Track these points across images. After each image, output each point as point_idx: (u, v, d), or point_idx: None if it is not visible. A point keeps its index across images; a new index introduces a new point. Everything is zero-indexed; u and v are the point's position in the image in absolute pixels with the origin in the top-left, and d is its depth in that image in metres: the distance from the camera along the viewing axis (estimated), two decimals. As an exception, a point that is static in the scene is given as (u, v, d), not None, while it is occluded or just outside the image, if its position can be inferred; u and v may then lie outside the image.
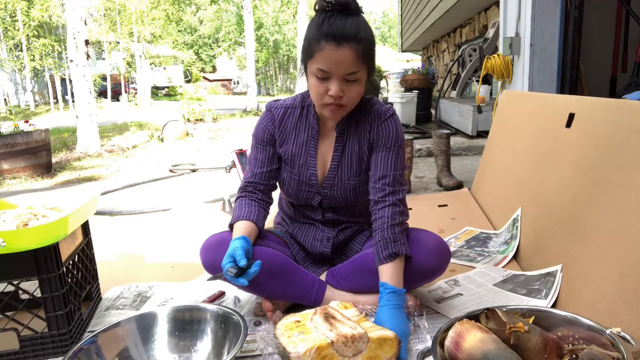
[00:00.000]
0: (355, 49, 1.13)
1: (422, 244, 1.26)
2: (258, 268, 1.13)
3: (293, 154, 1.34)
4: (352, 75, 1.15)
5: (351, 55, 1.13)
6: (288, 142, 1.35)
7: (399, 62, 23.37)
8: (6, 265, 1.17)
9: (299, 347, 0.98)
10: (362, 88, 1.21)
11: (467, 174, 3.25)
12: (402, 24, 12.16)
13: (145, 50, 19.66)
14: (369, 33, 1.16)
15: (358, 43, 1.13)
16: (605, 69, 3.33)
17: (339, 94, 1.17)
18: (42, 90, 21.82)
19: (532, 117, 2.00)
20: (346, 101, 1.19)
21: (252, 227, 1.28)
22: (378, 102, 1.32)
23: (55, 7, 15.82)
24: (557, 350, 0.87)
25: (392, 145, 1.28)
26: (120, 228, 2.55)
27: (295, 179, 1.35)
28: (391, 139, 1.28)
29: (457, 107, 5.01)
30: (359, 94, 1.21)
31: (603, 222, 1.21)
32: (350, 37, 1.12)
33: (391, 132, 1.28)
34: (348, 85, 1.17)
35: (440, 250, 1.26)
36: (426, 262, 1.24)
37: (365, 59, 1.16)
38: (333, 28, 1.12)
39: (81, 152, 6.14)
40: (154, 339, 1.16)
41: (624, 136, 1.22)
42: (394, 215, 1.23)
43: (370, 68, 1.20)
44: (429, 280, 1.30)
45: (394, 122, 1.29)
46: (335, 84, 1.16)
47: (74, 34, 5.94)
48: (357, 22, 1.14)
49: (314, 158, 1.34)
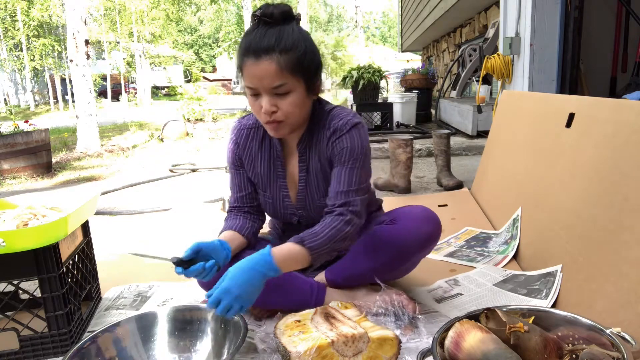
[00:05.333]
0: (277, 61, 1.07)
1: (412, 215, 1.29)
2: (203, 268, 1.11)
3: (262, 175, 1.32)
4: (279, 88, 1.10)
5: (272, 67, 1.07)
6: (255, 164, 1.32)
7: (399, 62, 23.35)
8: (6, 265, 1.17)
9: (300, 347, 0.98)
10: (299, 100, 1.13)
11: (467, 174, 3.25)
12: (402, 24, 12.17)
13: (145, 50, 19.66)
14: (296, 41, 1.10)
15: (280, 54, 1.07)
16: (605, 69, 3.34)
17: (270, 109, 1.11)
18: (42, 90, 21.82)
19: (532, 117, 2.00)
20: (282, 116, 1.13)
21: (235, 236, 1.29)
22: (339, 115, 1.23)
23: (55, 7, 15.81)
24: (557, 350, 0.87)
25: (346, 160, 1.19)
26: (120, 228, 2.55)
27: (269, 202, 1.34)
28: (345, 154, 1.19)
29: (457, 107, 5.01)
30: (296, 106, 1.13)
31: (603, 222, 1.21)
32: (268, 49, 1.07)
33: (345, 147, 1.19)
34: (281, 99, 1.11)
35: (429, 217, 1.28)
36: (418, 229, 1.26)
37: (295, 69, 1.10)
38: (251, 42, 1.08)
39: (81, 152, 6.14)
40: (154, 339, 1.16)
41: (624, 136, 1.22)
42: (333, 222, 1.15)
43: (308, 77, 1.14)
44: (426, 250, 1.32)
45: (350, 136, 1.19)
46: (264, 99, 1.11)
47: (74, 34, 5.94)
48: (280, 31, 1.09)
49: (284, 179, 1.30)
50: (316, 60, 1.16)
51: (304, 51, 1.11)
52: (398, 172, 2.85)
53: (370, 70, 5.43)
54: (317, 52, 1.17)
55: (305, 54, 1.12)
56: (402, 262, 1.29)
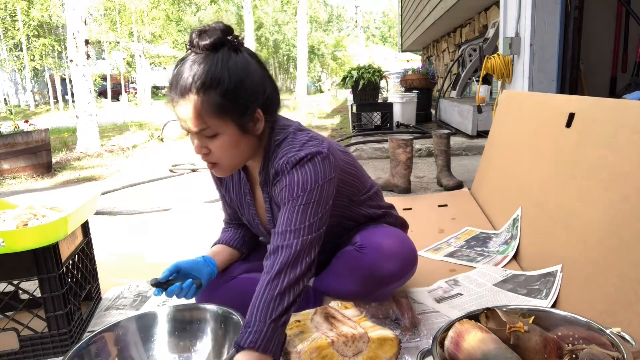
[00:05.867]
0: (194, 103, 0.95)
1: (379, 246, 1.17)
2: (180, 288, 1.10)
3: (235, 200, 1.28)
4: (203, 132, 0.99)
5: (190, 110, 0.96)
6: (229, 188, 1.28)
7: (399, 62, 23.35)
8: (6, 265, 1.17)
9: (300, 347, 0.98)
10: (229, 142, 1.01)
11: (467, 174, 3.24)
12: (402, 24, 12.17)
13: (145, 50, 19.65)
14: (218, 75, 0.95)
15: (197, 94, 0.95)
16: (605, 69, 3.34)
17: (201, 152, 1.03)
18: (42, 90, 21.84)
19: (532, 117, 2.00)
20: (215, 159, 1.03)
21: (222, 249, 1.30)
22: (282, 150, 1.06)
23: (55, 7, 15.82)
24: (557, 350, 0.87)
25: (286, 201, 1.02)
26: (120, 228, 2.55)
27: (247, 224, 1.33)
28: (284, 196, 1.03)
29: (457, 107, 5.01)
30: (227, 149, 1.02)
31: (603, 222, 1.21)
32: (185, 89, 0.95)
33: (285, 188, 1.03)
34: (210, 141, 1.01)
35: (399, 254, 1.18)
36: (382, 266, 1.16)
37: (218, 111, 0.96)
38: (172, 77, 0.98)
39: (81, 152, 6.14)
40: (154, 339, 1.16)
41: (624, 136, 1.22)
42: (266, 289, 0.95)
43: (238, 115, 0.99)
44: (388, 286, 1.22)
45: (290, 175, 1.02)
46: (194, 141, 1.02)
47: (74, 34, 5.94)
48: (201, 65, 0.95)
49: (253, 206, 1.24)
50: (248, 95, 1.00)
51: (227, 88, 0.96)
52: (398, 172, 2.85)
53: (370, 70, 5.43)
54: (254, 83, 1.01)
55: (229, 91, 0.97)
56: (375, 289, 1.23)
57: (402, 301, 1.29)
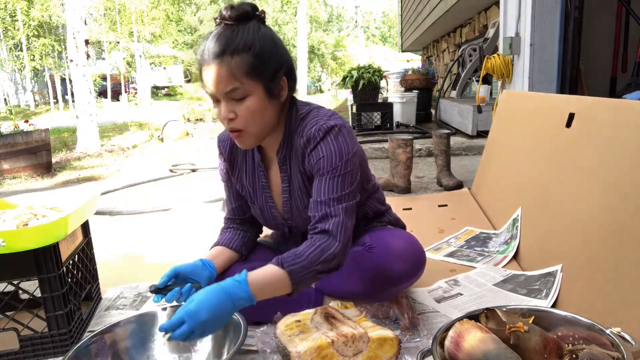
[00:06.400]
0: (228, 64, 1.02)
1: (389, 246, 1.21)
2: (180, 293, 1.10)
3: (248, 186, 1.28)
4: (233, 93, 1.04)
5: (223, 71, 1.03)
6: (241, 175, 1.29)
7: (399, 62, 23.33)
8: (6, 265, 1.17)
9: (300, 347, 0.98)
10: (257, 105, 1.07)
11: (467, 174, 3.24)
12: (402, 24, 12.16)
13: (145, 50, 19.65)
14: (250, 41, 1.04)
15: (231, 56, 1.02)
16: (605, 69, 3.34)
17: (228, 116, 1.06)
18: (42, 90, 21.82)
19: (532, 117, 2.00)
20: (241, 124, 1.07)
21: (222, 251, 1.30)
22: (312, 119, 1.14)
23: (55, 6, 15.82)
24: (557, 350, 0.87)
25: (324, 171, 1.09)
26: (120, 228, 2.55)
27: (258, 213, 1.32)
28: (323, 165, 1.09)
29: (457, 107, 5.01)
30: (254, 112, 1.07)
31: (603, 222, 1.21)
32: (219, 53, 1.03)
33: (322, 157, 1.09)
34: (238, 105, 1.06)
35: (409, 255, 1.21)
36: (391, 266, 1.18)
37: (249, 71, 1.04)
38: (203, 46, 1.05)
39: (81, 152, 6.14)
40: (154, 338, 1.16)
41: (624, 136, 1.22)
42: (316, 242, 1.05)
43: (266, 79, 1.07)
44: (397, 286, 1.24)
45: (325, 143, 1.10)
46: (222, 105, 1.07)
47: (74, 34, 5.94)
48: (233, 33, 1.04)
49: (268, 189, 1.25)
50: (276, 61, 1.08)
51: (259, 52, 1.05)
52: (398, 172, 2.85)
53: (370, 70, 5.43)
54: (280, 52, 1.10)
55: (261, 54, 1.05)
56: (383, 290, 1.24)
57: (402, 301, 1.29)
